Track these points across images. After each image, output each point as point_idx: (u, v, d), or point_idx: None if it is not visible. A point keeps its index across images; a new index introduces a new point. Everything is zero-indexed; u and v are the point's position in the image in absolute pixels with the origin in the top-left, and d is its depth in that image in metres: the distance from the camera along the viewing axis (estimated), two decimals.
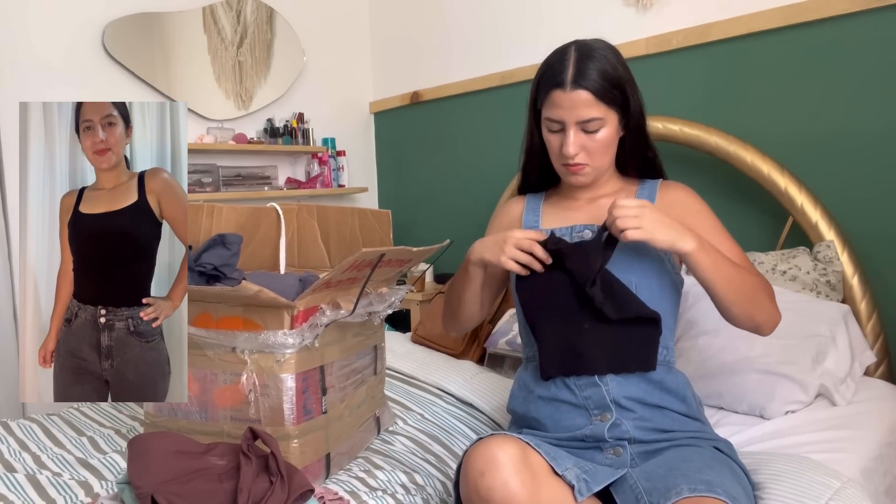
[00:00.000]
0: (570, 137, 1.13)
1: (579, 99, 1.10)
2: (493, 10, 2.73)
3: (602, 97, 1.11)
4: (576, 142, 1.13)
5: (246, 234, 1.52)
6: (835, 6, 1.77)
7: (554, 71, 1.13)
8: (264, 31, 2.93)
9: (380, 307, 1.32)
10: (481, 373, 1.76)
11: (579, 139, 1.13)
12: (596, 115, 1.11)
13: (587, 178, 1.19)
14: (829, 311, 1.60)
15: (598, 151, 1.15)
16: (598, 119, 1.12)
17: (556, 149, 1.17)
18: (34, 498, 1.15)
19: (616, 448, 1.09)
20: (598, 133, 1.13)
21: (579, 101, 1.10)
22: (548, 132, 1.18)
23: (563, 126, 1.13)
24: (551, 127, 1.16)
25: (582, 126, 1.12)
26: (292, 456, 1.14)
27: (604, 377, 1.12)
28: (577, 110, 1.11)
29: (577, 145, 1.13)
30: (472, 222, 2.85)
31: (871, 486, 1.24)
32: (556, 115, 1.13)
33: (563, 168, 1.19)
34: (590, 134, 1.13)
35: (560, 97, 1.11)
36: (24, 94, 2.30)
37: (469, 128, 2.89)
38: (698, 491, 0.91)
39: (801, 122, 1.87)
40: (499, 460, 0.94)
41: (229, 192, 2.74)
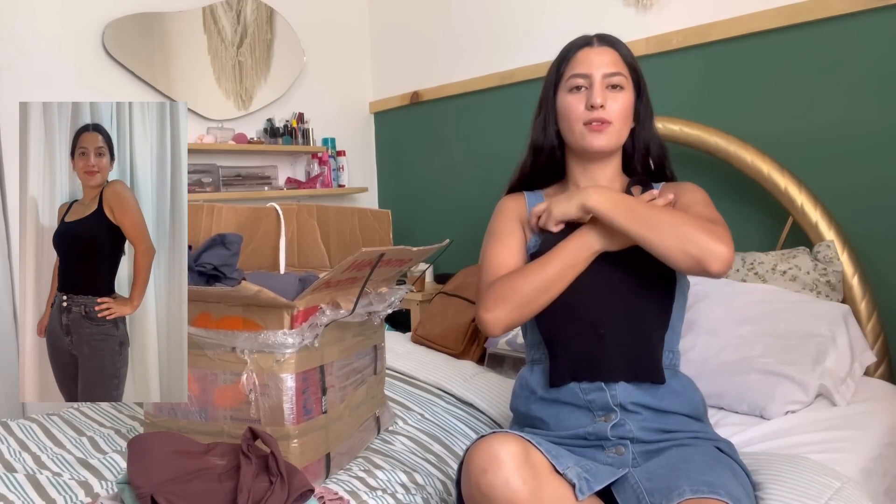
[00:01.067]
0: (597, 88, 1.16)
1: (607, 54, 1.18)
2: (493, 10, 2.73)
3: (626, 61, 1.19)
4: (602, 92, 1.16)
5: (246, 234, 1.52)
6: (835, 6, 1.77)
7: (579, 39, 1.22)
8: (264, 31, 2.93)
9: (380, 307, 1.32)
10: (481, 373, 1.76)
11: (606, 94, 1.17)
12: (621, 71, 1.17)
13: (609, 139, 1.18)
14: (829, 311, 1.60)
15: (620, 115, 1.18)
16: (623, 76, 1.17)
17: (577, 108, 1.18)
18: (34, 498, 1.15)
19: (618, 447, 1.09)
20: (621, 94, 1.17)
21: (607, 57, 1.18)
22: (569, 95, 1.19)
23: (590, 81, 1.17)
24: (576, 83, 1.18)
25: (608, 80, 1.17)
26: (292, 456, 1.14)
27: (612, 383, 1.11)
28: (604, 64, 1.17)
29: (603, 95, 1.16)
30: (472, 222, 2.85)
31: (871, 486, 1.24)
32: (583, 68, 1.18)
33: (584, 129, 1.18)
34: (614, 92, 1.17)
35: (588, 53, 1.18)
36: (24, 94, 2.30)
37: (469, 128, 2.89)
38: (701, 492, 0.91)
39: (801, 121, 1.87)
40: (500, 457, 0.94)
41: (229, 192, 2.74)
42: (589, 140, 1.18)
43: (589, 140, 1.18)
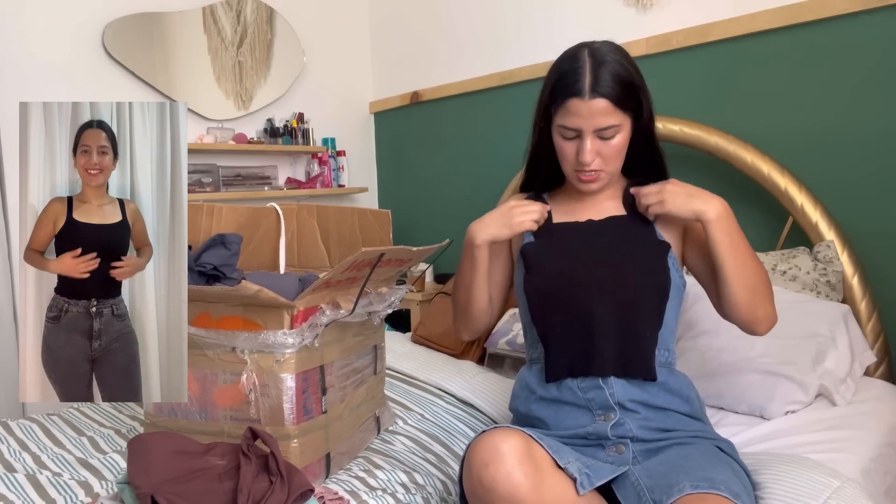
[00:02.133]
0: (588, 146, 1.11)
1: (598, 108, 1.09)
2: (493, 10, 2.73)
3: (619, 104, 1.10)
4: (592, 149, 1.12)
5: (246, 234, 1.52)
6: (835, 6, 1.77)
7: (569, 79, 1.11)
8: (264, 31, 2.93)
9: (379, 307, 1.32)
10: (481, 373, 1.76)
11: (595, 146, 1.12)
12: (614, 123, 1.10)
13: (600, 184, 1.18)
14: (829, 311, 1.60)
15: (613, 157, 1.14)
16: (615, 126, 1.11)
17: (570, 156, 1.16)
18: (34, 498, 1.15)
19: (618, 446, 1.09)
20: (614, 139, 1.12)
21: (597, 110, 1.09)
22: (561, 139, 1.16)
23: (580, 134, 1.12)
24: (566, 135, 1.14)
25: (599, 134, 1.12)
26: (292, 456, 1.14)
27: (608, 380, 1.12)
28: (595, 119, 1.10)
29: (593, 153, 1.12)
30: (471, 222, 2.85)
31: (871, 486, 1.24)
32: (573, 123, 1.12)
33: (575, 175, 1.18)
34: (606, 141, 1.13)
35: (578, 106, 1.10)
36: (24, 94, 2.30)
37: (469, 128, 2.89)
38: (701, 488, 0.91)
39: (801, 121, 1.87)
40: (502, 451, 0.94)
41: (229, 192, 2.74)
42: (580, 186, 1.19)
43: (580, 186, 1.19)
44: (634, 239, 1.17)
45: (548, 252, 1.19)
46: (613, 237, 1.18)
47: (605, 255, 1.16)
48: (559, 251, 1.19)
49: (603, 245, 1.18)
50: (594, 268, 1.14)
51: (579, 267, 1.15)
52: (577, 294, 1.13)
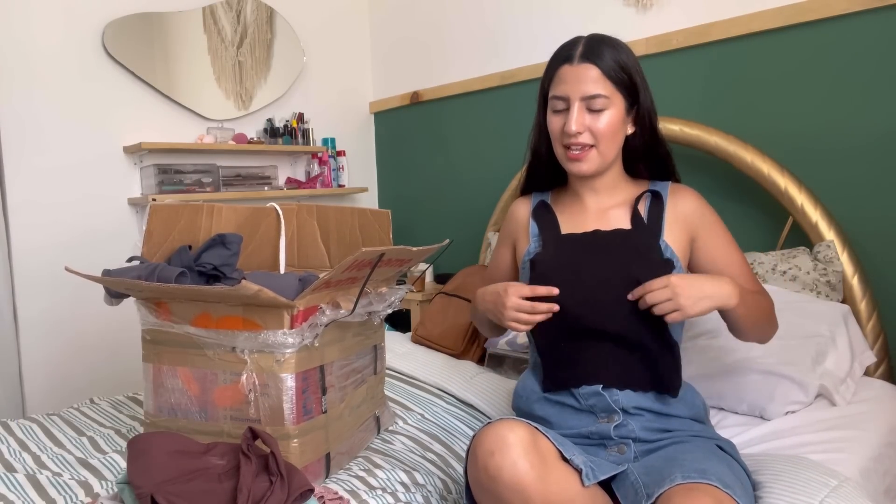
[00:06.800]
0: (574, 113, 1.10)
1: (586, 73, 1.09)
2: (493, 10, 2.73)
3: (609, 75, 1.09)
4: (580, 119, 1.10)
5: (246, 234, 1.52)
6: (835, 6, 1.77)
7: (564, 49, 1.14)
8: (264, 31, 2.93)
9: (379, 307, 1.32)
10: (481, 373, 1.76)
11: (584, 118, 1.10)
12: (602, 92, 1.09)
13: (590, 165, 1.15)
14: (829, 311, 1.60)
15: (605, 136, 1.11)
16: (604, 97, 1.09)
17: (558, 130, 1.14)
18: (34, 498, 1.15)
19: (620, 446, 1.10)
20: (604, 114, 1.10)
21: (586, 76, 1.09)
22: (552, 114, 1.15)
23: (568, 103, 1.11)
24: (556, 106, 1.13)
25: (587, 103, 1.10)
26: (292, 455, 1.14)
27: (610, 389, 1.12)
28: (582, 85, 1.09)
29: (580, 123, 1.10)
30: (472, 222, 2.85)
31: (871, 486, 1.24)
32: (561, 90, 1.11)
33: (564, 154, 1.15)
34: (595, 113, 1.10)
35: (567, 72, 1.10)
36: (24, 94, 2.30)
37: (469, 128, 2.88)
38: (691, 478, 0.91)
39: (801, 122, 1.87)
40: (509, 441, 0.94)
41: (229, 192, 2.73)
42: (569, 166, 1.17)
43: (569, 166, 1.17)
44: (640, 257, 1.14)
45: (552, 267, 1.17)
46: (619, 253, 1.15)
47: (609, 273, 1.12)
48: (563, 265, 1.16)
49: (607, 262, 1.14)
50: (597, 287, 1.12)
51: (581, 285, 1.12)
52: (579, 313, 1.12)
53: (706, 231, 1.18)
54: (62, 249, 2.38)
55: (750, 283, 1.19)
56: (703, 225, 1.18)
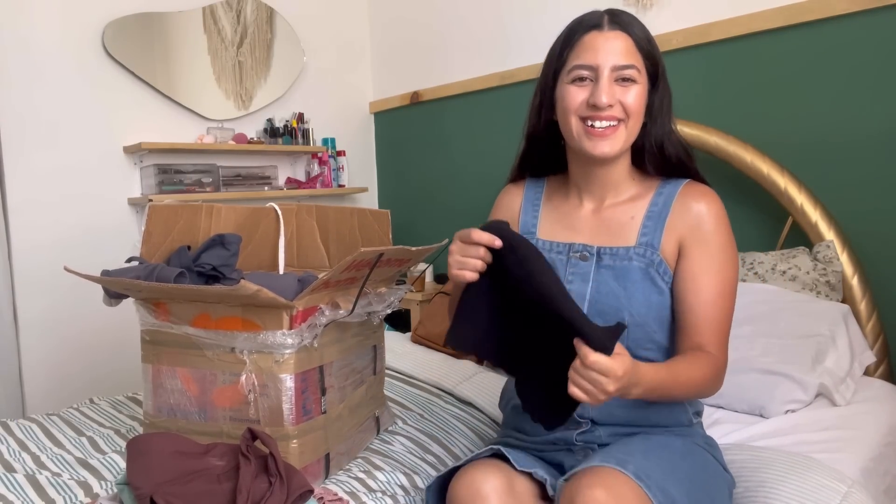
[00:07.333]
0: (605, 84, 0.98)
1: (618, 41, 0.98)
2: (493, 10, 2.73)
3: (640, 47, 1.00)
4: (611, 91, 0.98)
5: (245, 235, 1.52)
6: (835, 6, 1.77)
7: (588, 17, 1.02)
8: (264, 31, 2.93)
9: (379, 307, 1.32)
10: (481, 372, 1.76)
11: (614, 91, 0.98)
12: (634, 63, 0.98)
13: (615, 145, 1.01)
14: (829, 311, 1.60)
15: (636, 111, 1.00)
16: (635, 68, 0.99)
17: (577, 103, 1.00)
18: (34, 498, 1.15)
19: (586, 451, 1.07)
20: (634, 88, 0.99)
21: (618, 45, 0.98)
22: (570, 85, 1.01)
23: (596, 73, 0.98)
24: (578, 75, 1.00)
25: (618, 73, 0.98)
26: (291, 456, 1.14)
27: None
28: (615, 54, 0.98)
29: (612, 95, 0.98)
30: (471, 222, 2.83)
31: (871, 486, 1.24)
32: (588, 58, 0.98)
33: (583, 130, 1.01)
34: (624, 87, 0.99)
35: (595, 38, 0.99)
36: (24, 94, 2.30)
37: (469, 128, 2.88)
38: (607, 463, 0.88)
39: (801, 121, 1.87)
40: (483, 492, 0.94)
41: (229, 193, 2.74)
42: (589, 145, 1.01)
43: (589, 145, 1.01)
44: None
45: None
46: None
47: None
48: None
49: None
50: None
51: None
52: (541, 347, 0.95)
53: (694, 246, 1.03)
54: (62, 249, 2.38)
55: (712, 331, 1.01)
56: (693, 237, 1.03)
